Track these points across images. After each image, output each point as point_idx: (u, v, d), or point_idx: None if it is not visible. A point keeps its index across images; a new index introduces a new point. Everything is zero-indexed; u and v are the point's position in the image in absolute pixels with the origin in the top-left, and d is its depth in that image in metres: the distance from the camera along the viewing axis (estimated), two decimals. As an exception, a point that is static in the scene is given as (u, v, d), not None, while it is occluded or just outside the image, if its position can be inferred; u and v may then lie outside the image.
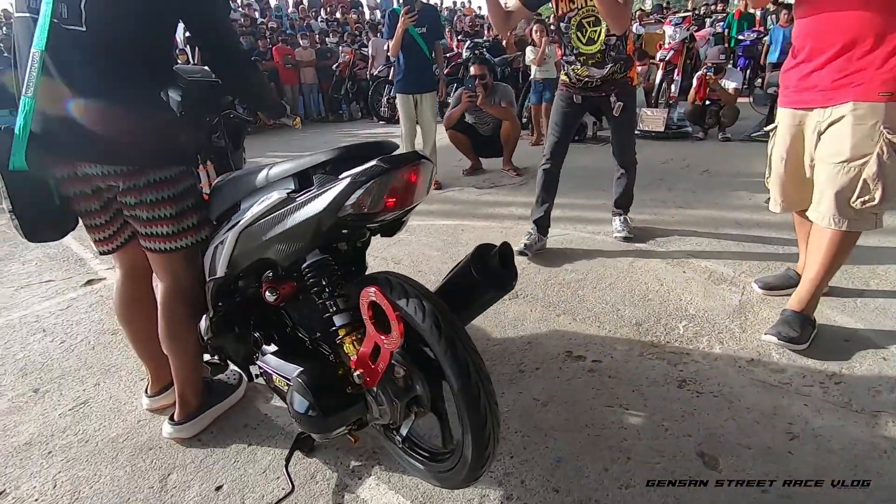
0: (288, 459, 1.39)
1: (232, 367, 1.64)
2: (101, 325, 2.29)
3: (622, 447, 1.43)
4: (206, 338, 1.43)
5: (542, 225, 2.86)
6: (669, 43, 6.87)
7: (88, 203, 1.38)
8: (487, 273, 1.16)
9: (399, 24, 3.72)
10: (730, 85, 5.50)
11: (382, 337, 0.99)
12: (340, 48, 9.87)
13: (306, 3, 12.63)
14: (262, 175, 1.17)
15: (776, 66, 7.72)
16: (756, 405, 1.57)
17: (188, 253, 1.44)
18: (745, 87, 7.18)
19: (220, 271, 1.24)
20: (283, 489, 1.35)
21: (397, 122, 4.52)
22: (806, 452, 1.38)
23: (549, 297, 2.33)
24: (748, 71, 8.62)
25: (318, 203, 0.99)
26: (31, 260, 3.21)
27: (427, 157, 1.04)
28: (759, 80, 8.38)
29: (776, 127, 1.91)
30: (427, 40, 3.93)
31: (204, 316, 1.41)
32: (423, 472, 1.24)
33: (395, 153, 1.07)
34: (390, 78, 8.50)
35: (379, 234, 1.26)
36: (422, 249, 2.98)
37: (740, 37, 9.11)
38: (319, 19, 11.92)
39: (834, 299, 2.11)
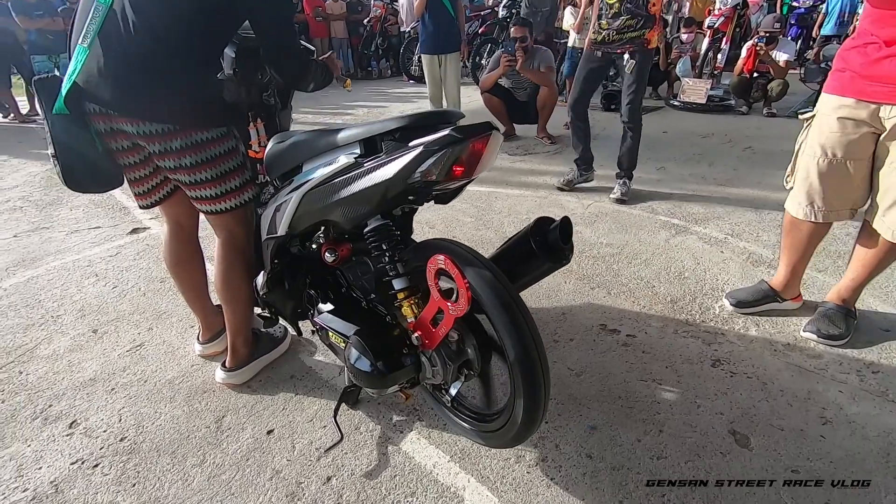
0: (336, 411, 1.47)
1: (281, 321, 1.72)
2: (149, 272, 2.40)
3: (655, 420, 1.48)
4: (261, 293, 1.49)
5: (580, 164, 3.34)
6: (720, 9, 6.49)
7: (127, 157, 1.40)
8: (546, 245, 1.18)
9: None
10: (781, 57, 5.22)
11: (448, 303, 1.03)
12: (372, 2, 9.60)
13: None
14: (327, 139, 1.19)
15: (829, 38, 7.26)
16: (790, 388, 1.58)
17: (238, 212, 1.48)
18: (796, 59, 6.80)
19: (281, 230, 1.28)
20: (331, 438, 1.44)
21: (469, 56, 4.55)
22: (838, 437, 1.40)
23: (583, 269, 2.34)
24: (800, 41, 8.15)
25: (389, 169, 1.01)
26: (79, 206, 3.33)
27: (497, 128, 1.04)
28: (811, 53, 7.92)
29: (814, 116, 1.67)
30: (452, 1, 3.95)
31: (262, 272, 1.47)
32: (469, 431, 1.30)
33: (459, 122, 1.07)
34: (422, 36, 8.32)
35: (433, 202, 1.28)
36: (455, 215, 2.99)
37: (795, 3, 8.56)
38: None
39: (876, 288, 2.08)
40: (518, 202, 3.22)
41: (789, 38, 7.29)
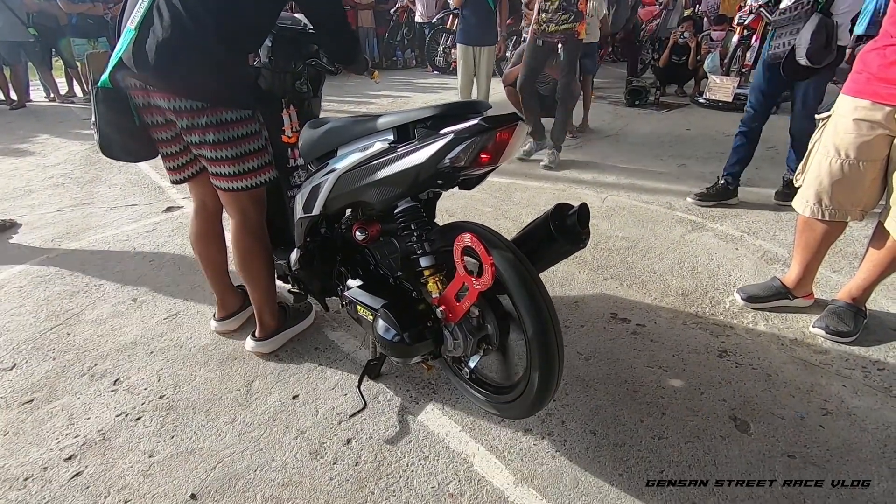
0: (360, 381, 1.58)
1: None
2: (183, 248, 2.54)
3: (658, 403, 1.54)
4: (293, 269, 1.60)
5: (534, 135, 3.85)
6: (750, 4, 6.37)
7: (161, 132, 1.51)
8: (564, 230, 1.25)
9: None
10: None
11: (473, 279, 1.11)
12: (400, -9, 9.63)
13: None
14: (363, 125, 1.28)
15: (860, 38, 7.03)
16: (794, 381, 1.63)
17: (253, 192, 1.56)
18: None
19: (316, 210, 1.38)
20: (352, 405, 1.54)
21: (452, 72, 4.52)
22: (837, 428, 1.45)
23: (597, 260, 2.40)
24: (835, 40, 7.92)
25: (421, 154, 1.09)
26: (116, 184, 3.50)
27: (523, 119, 1.11)
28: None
29: (830, 116, 1.69)
30: None
31: (294, 249, 1.57)
32: (485, 402, 1.39)
33: (487, 112, 1.15)
34: (448, 27, 8.33)
35: (458, 187, 1.36)
36: (474, 204, 3.07)
37: None
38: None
39: (889, 289, 2.10)
40: (536, 194, 3.28)
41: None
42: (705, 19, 7.36)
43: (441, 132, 1.09)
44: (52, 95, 6.76)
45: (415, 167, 1.10)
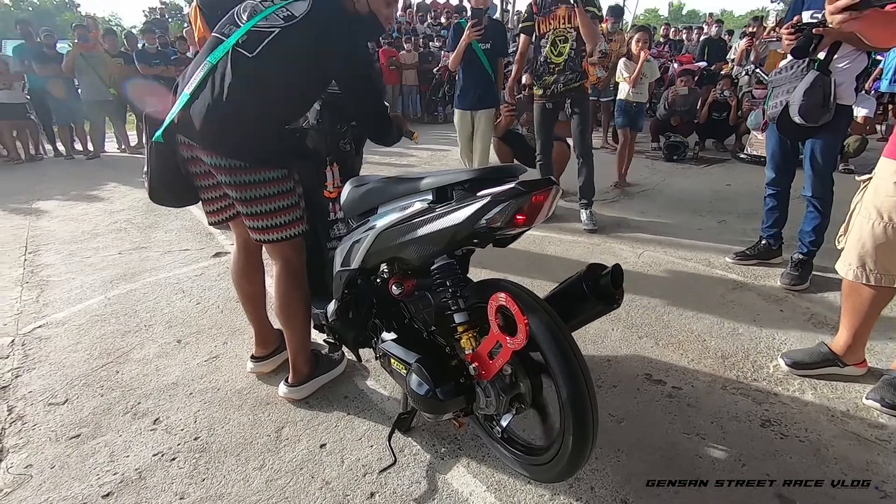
0: (390, 435, 1.58)
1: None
2: (227, 292, 2.67)
3: (696, 474, 1.47)
4: (330, 320, 1.66)
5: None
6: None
7: (202, 180, 1.65)
8: (598, 290, 1.26)
9: (463, 38, 3.57)
10: (860, 112, 5.02)
11: (507, 338, 1.13)
12: (442, 52, 10.21)
13: (414, 7, 13.18)
14: (403, 186, 1.36)
15: (883, 95, 6.78)
16: (846, 457, 1.52)
17: (288, 243, 1.66)
18: (878, 114, 6.49)
19: (355, 264, 1.45)
20: (377, 457, 1.55)
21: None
22: (898, 514, 1.33)
23: (632, 318, 2.35)
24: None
25: (459, 215, 1.15)
26: (172, 230, 3.76)
27: (557, 183, 1.16)
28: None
29: (871, 178, 1.66)
30: (490, 57, 3.76)
31: (333, 301, 1.64)
32: (516, 463, 1.37)
33: (521, 176, 1.21)
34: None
35: (493, 245, 1.40)
36: (508, 257, 3.08)
37: (879, 57, 8.18)
38: (426, 24, 12.38)
39: (955, 360, 1.95)
40: (570, 247, 3.28)
41: (872, 92, 6.97)
42: (748, 75, 7.37)
43: (478, 194, 1.15)
44: (123, 147, 7.42)
45: (453, 227, 1.15)
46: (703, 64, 7.99)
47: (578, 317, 1.33)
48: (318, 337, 1.95)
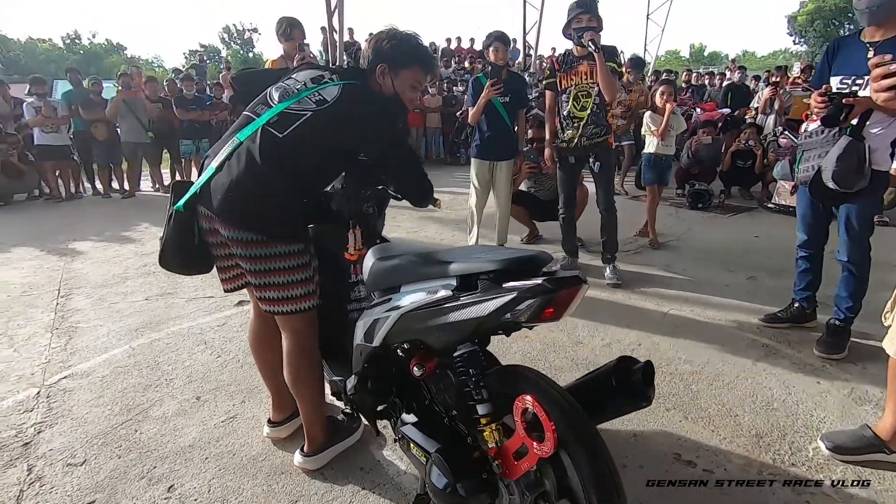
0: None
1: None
2: (247, 345, 2.66)
3: (732, 578, 1.36)
4: (349, 394, 1.64)
5: (572, 252, 3.81)
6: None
7: (219, 250, 1.67)
8: (627, 386, 1.21)
9: (483, 95, 3.60)
10: (894, 165, 4.89)
11: (534, 443, 1.08)
12: (465, 96, 10.47)
13: (439, 53, 13.65)
14: (427, 269, 1.34)
15: None
16: (900, 564, 1.40)
17: (303, 315, 1.66)
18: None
19: (376, 342, 1.43)
20: (391, 541, 1.49)
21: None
22: None
23: (659, 386, 2.22)
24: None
25: (484, 308, 1.12)
26: (197, 276, 3.83)
27: (586, 281, 1.13)
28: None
29: None
30: (510, 109, 3.77)
31: (352, 375, 1.62)
32: None
33: (549, 265, 1.19)
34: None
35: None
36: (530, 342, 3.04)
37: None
38: (450, 69, 12.78)
39: None
40: (594, 304, 3.21)
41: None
42: (775, 136, 7.29)
43: (505, 286, 1.12)
44: (157, 186, 7.72)
45: (477, 318, 1.13)
46: (726, 111, 7.99)
47: (605, 412, 1.28)
48: (336, 401, 1.92)
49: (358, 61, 1.78)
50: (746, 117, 7.80)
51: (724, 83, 9.98)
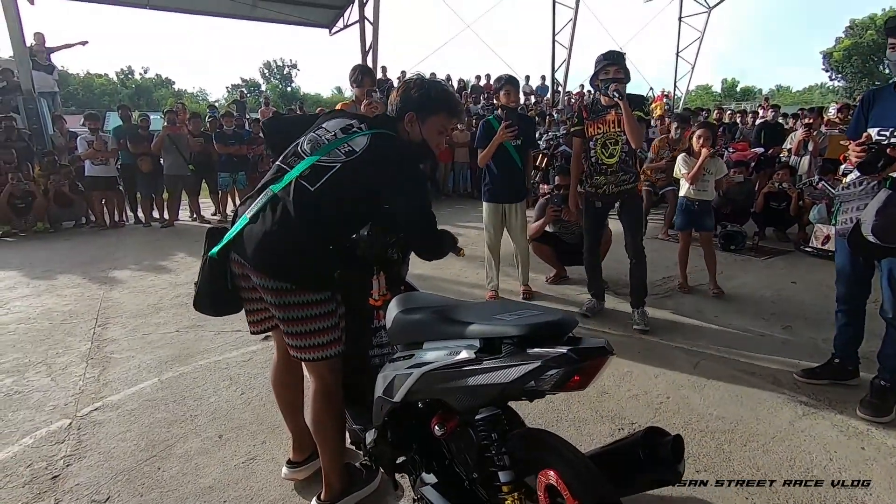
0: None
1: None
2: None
3: None
4: (368, 447, 1.63)
5: (595, 294, 3.79)
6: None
7: (248, 293, 1.72)
8: (655, 459, 1.17)
9: (496, 137, 3.64)
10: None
11: None
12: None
13: (468, 89, 13.99)
14: (451, 328, 1.33)
15: None
16: None
17: (329, 362, 1.68)
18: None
19: (397, 398, 1.42)
20: None
21: (533, 203, 4.53)
22: None
23: (689, 445, 2.16)
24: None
25: (508, 374, 1.11)
26: (228, 308, 3.93)
27: (613, 350, 1.11)
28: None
29: None
30: (521, 152, 3.80)
31: (372, 429, 1.62)
32: None
33: (573, 332, 1.17)
34: (535, 164, 8.87)
35: None
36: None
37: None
38: (480, 105, 13.05)
39: None
40: (620, 351, 3.11)
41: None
42: (805, 161, 7.15)
43: (529, 352, 1.11)
44: (195, 216, 8.04)
45: (501, 384, 1.12)
46: (759, 150, 7.86)
47: (631, 484, 1.23)
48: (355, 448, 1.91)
49: (388, 96, 1.87)
50: (780, 157, 7.65)
51: (757, 121, 9.85)
